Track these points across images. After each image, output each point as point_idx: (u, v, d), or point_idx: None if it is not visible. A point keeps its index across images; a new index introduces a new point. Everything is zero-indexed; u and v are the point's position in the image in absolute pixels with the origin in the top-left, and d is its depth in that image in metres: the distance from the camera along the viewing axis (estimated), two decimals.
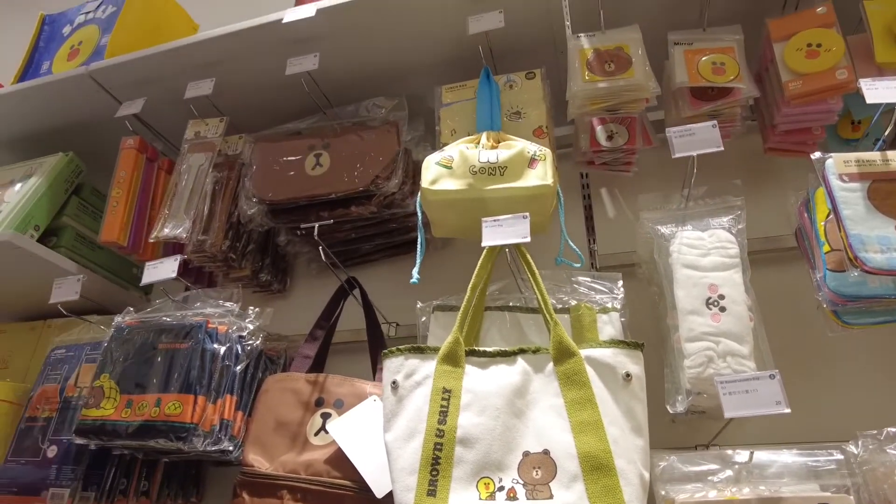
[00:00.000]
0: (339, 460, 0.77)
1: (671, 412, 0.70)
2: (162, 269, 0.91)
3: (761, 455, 0.63)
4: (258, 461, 0.80)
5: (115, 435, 0.83)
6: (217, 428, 0.83)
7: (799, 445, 0.64)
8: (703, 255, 0.72)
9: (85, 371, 0.97)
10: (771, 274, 0.86)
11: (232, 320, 0.90)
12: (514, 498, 0.59)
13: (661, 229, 0.77)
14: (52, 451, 0.91)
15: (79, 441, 0.85)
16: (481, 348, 0.68)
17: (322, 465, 0.78)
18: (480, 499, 0.60)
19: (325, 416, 0.82)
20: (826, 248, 0.68)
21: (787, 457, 0.63)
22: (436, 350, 0.67)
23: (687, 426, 0.81)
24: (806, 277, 0.74)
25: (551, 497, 0.59)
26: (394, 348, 0.68)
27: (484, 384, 0.65)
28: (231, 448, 0.83)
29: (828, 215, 0.69)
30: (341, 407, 0.83)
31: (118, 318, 0.94)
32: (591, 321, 0.73)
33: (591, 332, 0.72)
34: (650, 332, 0.78)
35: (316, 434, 0.81)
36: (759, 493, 0.60)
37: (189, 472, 1.00)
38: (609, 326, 0.74)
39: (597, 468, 0.59)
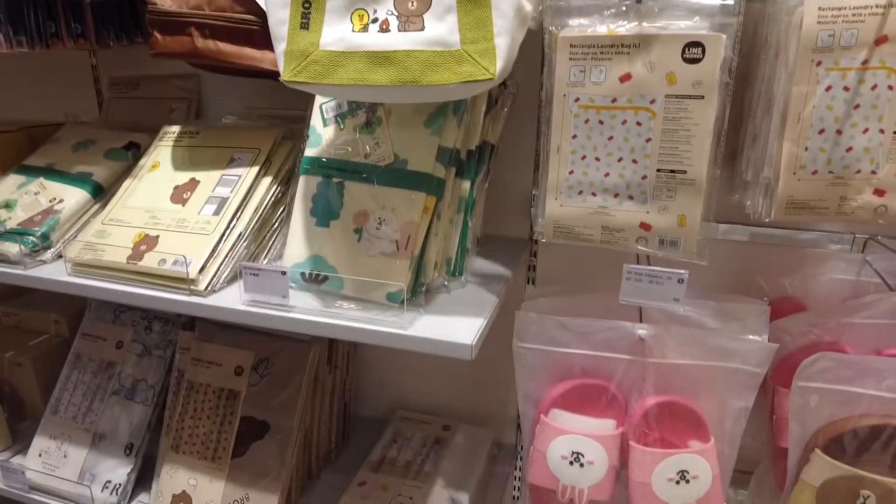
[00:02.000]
0: None
1: None
2: None
3: None
4: None
5: None
6: None
7: None
8: None
9: None
10: None
11: None
12: (387, 30, 0.58)
13: None
14: None
15: None
16: None
17: (226, 1, 0.76)
18: (353, 31, 0.59)
19: None
20: None
21: None
22: None
23: None
24: None
25: (423, 29, 0.57)
26: None
27: None
28: None
29: None
30: None
31: None
32: None
33: None
34: None
35: None
36: (640, 29, 0.58)
37: (124, 12, 0.99)
38: None
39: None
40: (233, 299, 0.73)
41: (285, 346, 0.94)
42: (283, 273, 0.69)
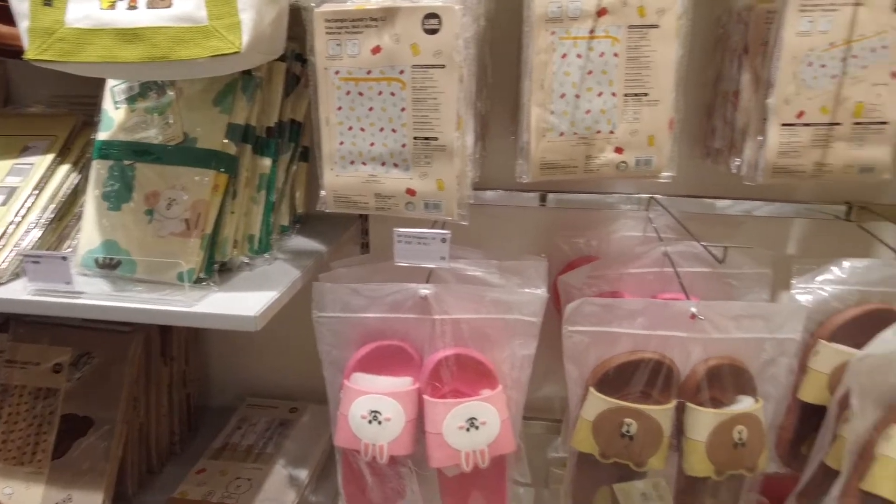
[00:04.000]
0: None
1: None
2: None
3: None
4: None
5: None
6: None
7: None
8: None
9: None
10: None
11: None
12: (135, 7, 0.58)
13: None
14: None
15: None
16: None
17: None
18: (101, 8, 0.59)
19: None
20: None
21: None
22: None
23: None
24: None
25: (170, 6, 0.58)
26: None
27: None
28: None
29: None
30: None
31: None
32: None
33: None
34: None
35: None
36: (385, 3, 0.61)
37: None
38: None
39: None
40: (21, 290, 0.71)
41: (106, 338, 0.92)
42: (64, 259, 0.67)
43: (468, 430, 0.72)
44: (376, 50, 0.62)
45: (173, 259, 0.69)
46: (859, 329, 0.73)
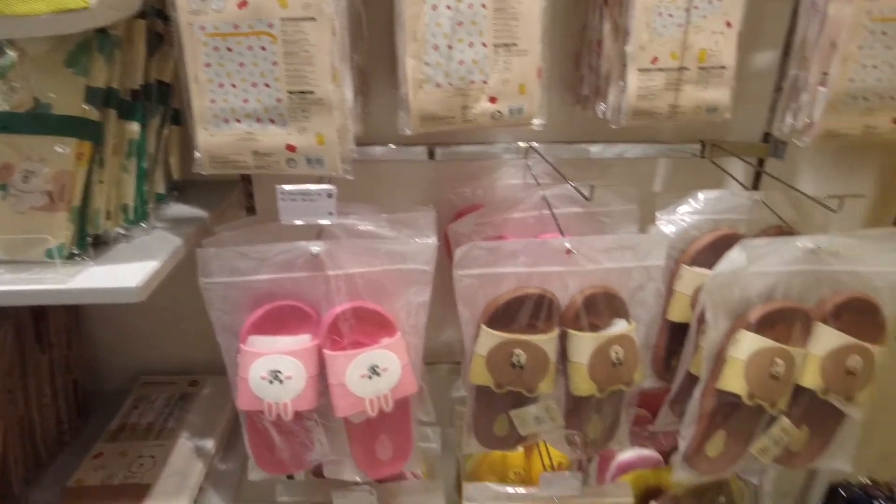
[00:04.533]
0: None
1: None
2: None
3: None
4: None
5: None
6: None
7: None
8: None
9: None
10: None
11: None
12: None
13: None
14: None
15: None
16: None
17: None
18: None
19: None
20: None
21: None
22: None
23: None
24: None
25: None
26: None
27: None
28: None
29: None
30: None
31: None
32: None
33: None
34: None
35: None
36: None
37: None
38: None
39: None
40: None
41: None
42: None
43: (370, 377, 0.74)
44: (242, 4, 0.60)
45: (38, 235, 0.65)
46: (714, 253, 0.83)
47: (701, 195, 0.87)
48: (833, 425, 0.83)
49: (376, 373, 0.74)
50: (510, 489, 0.91)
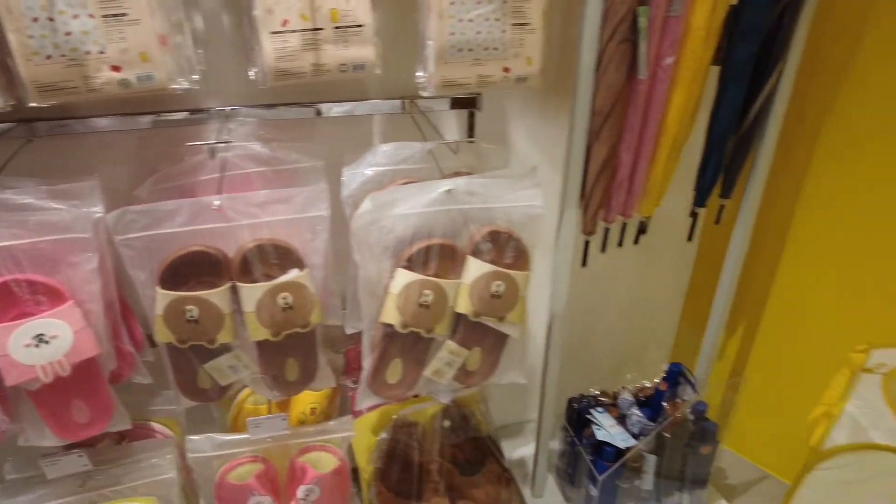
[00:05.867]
0: None
1: None
2: None
3: None
4: None
5: None
6: None
7: None
8: None
9: None
10: None
11: None
12: None
13: None
14: None
15: None
16: None
17: None
18: None
19: None
20: None
21: None
22: None
23: None
24: None
25: None
26: None
27: None
28: None
29: None
30: None
31: None
32: None
33: None
34: None
35: None
36: None
37: None
38: None
39: None
40: None
41: None
42: None
43: (38, 346, 0.77)
44: None
45: None
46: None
47: (381, 148, 0.94)
48: (499, 344, 0.94)
49: (44, 341, 0.78)
50: (227, 437, 0.97)
